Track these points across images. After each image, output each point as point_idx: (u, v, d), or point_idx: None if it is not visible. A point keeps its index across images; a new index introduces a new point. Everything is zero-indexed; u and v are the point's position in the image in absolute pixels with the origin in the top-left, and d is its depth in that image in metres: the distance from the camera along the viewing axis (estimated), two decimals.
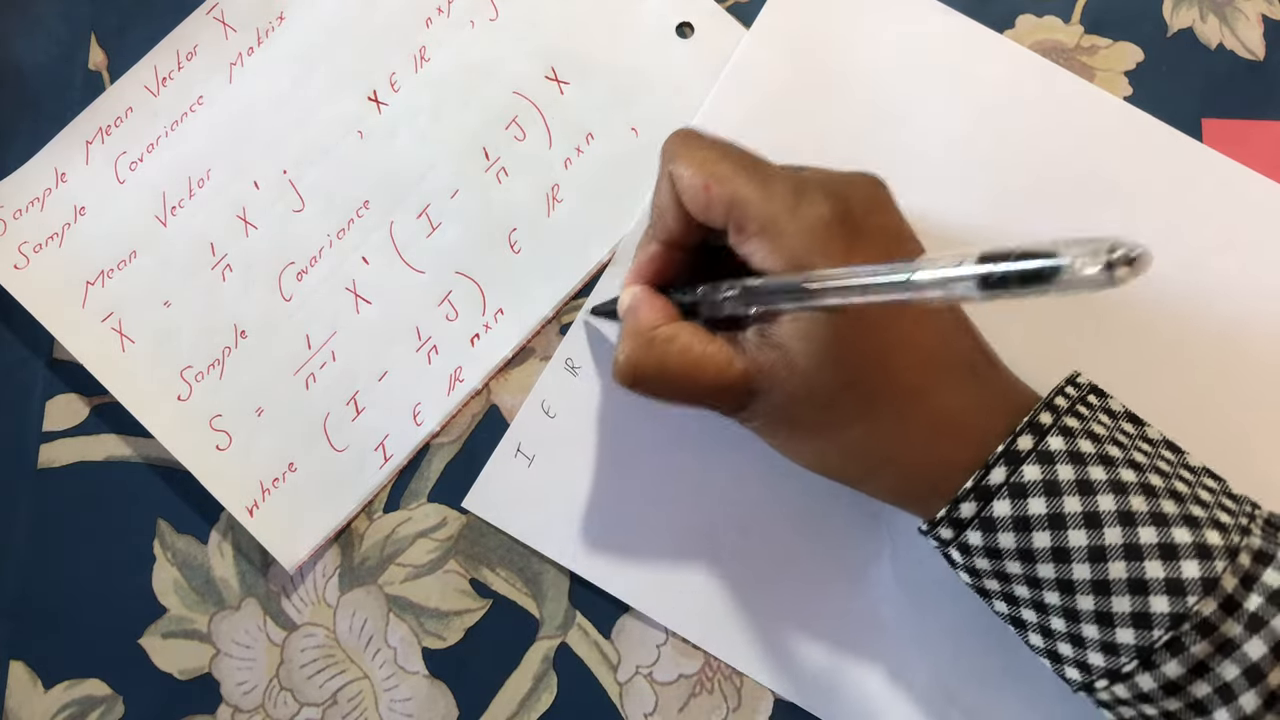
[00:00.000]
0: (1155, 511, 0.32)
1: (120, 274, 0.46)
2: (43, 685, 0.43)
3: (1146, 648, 0.31)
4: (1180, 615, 0.31)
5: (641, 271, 0.39)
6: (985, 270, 0.24)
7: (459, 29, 0.48)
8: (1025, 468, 0.33)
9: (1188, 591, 0.31)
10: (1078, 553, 0.32)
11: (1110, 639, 0.32)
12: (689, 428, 0.43)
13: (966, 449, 0.34)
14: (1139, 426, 0.35)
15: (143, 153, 0.47)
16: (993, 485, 0.33)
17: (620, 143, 0.46)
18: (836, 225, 0.33)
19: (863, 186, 0.36)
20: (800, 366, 0.34)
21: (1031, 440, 0.33)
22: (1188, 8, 0.48)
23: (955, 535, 0.35)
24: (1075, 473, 0.33)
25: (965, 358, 0.36)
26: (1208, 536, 0.32)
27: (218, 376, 0.45)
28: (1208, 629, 0.31)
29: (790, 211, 0.34)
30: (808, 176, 0.35)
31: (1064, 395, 0.35)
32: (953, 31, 0.47)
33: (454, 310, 0.45)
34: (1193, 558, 0.31)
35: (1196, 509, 0.32)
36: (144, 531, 0.44)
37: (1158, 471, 0.33)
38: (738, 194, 0.35)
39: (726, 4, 0.48)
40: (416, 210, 0.46)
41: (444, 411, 0.44)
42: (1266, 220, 0.44)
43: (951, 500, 0.34)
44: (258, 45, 0.48)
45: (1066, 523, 0.32)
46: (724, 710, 0.42)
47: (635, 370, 0.36)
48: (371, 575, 0.43)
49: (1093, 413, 0.34)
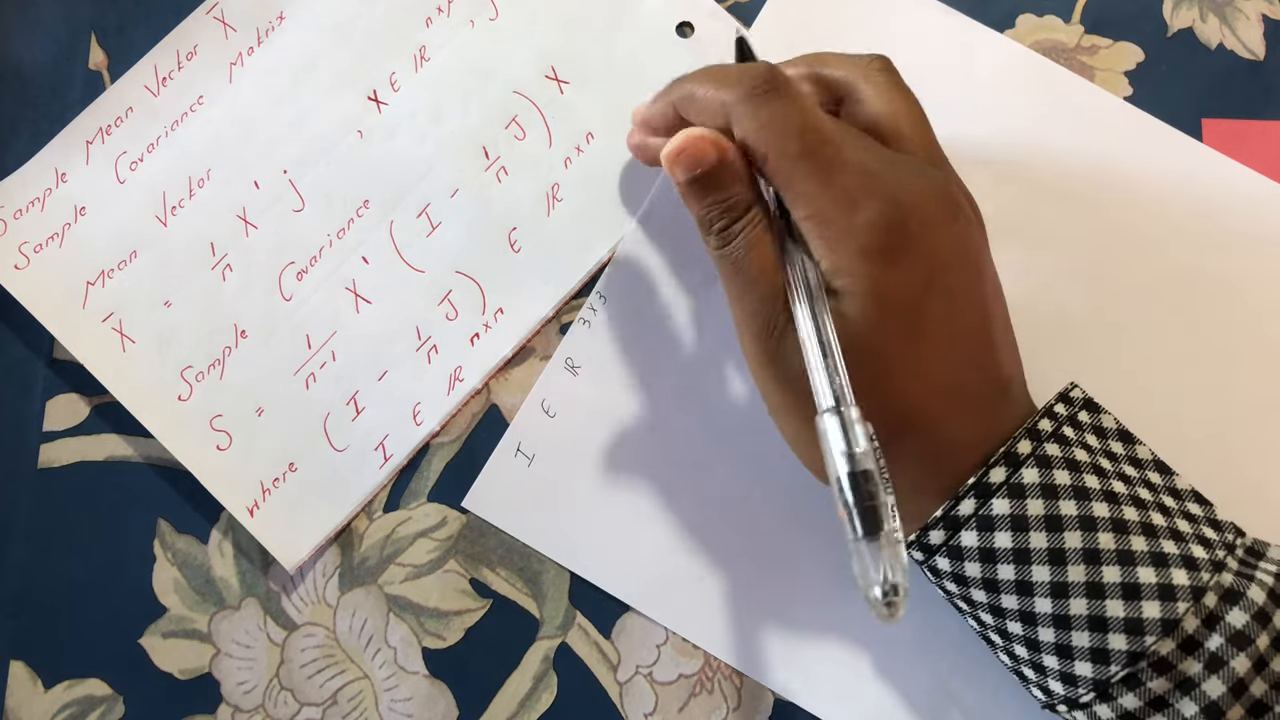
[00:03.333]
0: (1123, 550, 0.32)
1: (120, 274, 0.46)
2: (43, 685, 0.43)
3: (1103, 681, 0.32)
4: (1137, 654, 0.31)
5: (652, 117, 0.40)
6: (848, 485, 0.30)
7: (459, 29, 0.48)
8: (994, 501, 0.33)
9: (1146, 631, 0.31)
10: (1040, 587, 0.33)
11: (1069, 670, 0.33)
12: (689, 428, 0.43)
13: (950, 477, 0.34)
14: (1129, 445, 0.35)
15: (143, 153, 0.47)
16: (961, 516, 0.34)
17: (620, 142, 0.46)
18: (883, 236, 0.33)
19: (933, 199, 0.35)
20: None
21: (1005, 472, 0.33)
22: (1188, 8, 0.48)
23: (925, 558, 0.35)
24: (1045, 508, 0.33)
25: (973, 390, 0.35)
26: (1174, 576, 0.32)
27: (218, 376, 0.44)
28: (1164, 667, 0.31)
29: (845, 216, 0.33)
30: (875, 171, 0.34)
31: (1050, 417, 0.34)
32: (953, 31, 0.47)
33: (454, 310, 0.45)
34: (1154, 598, 0.32)
35: (1169, 544, 0.33)
36: (144, 531, 0.44)
37: (1135, 502, 0.33)
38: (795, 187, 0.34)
39: (727, 4, 0.48)
40: (416, 210, 0.46)
41: (444, 411, 0.44)
42: (1266, 220, 0.44)
43: (921, 527, 0.35)
44: (258, 45, 0.48)
45: (1031, 558, 0.33)
46: (724, 710, 0.42)
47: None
48: (371, 575, 0.43)
49: (1080, 433, 0.34)
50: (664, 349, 0.44)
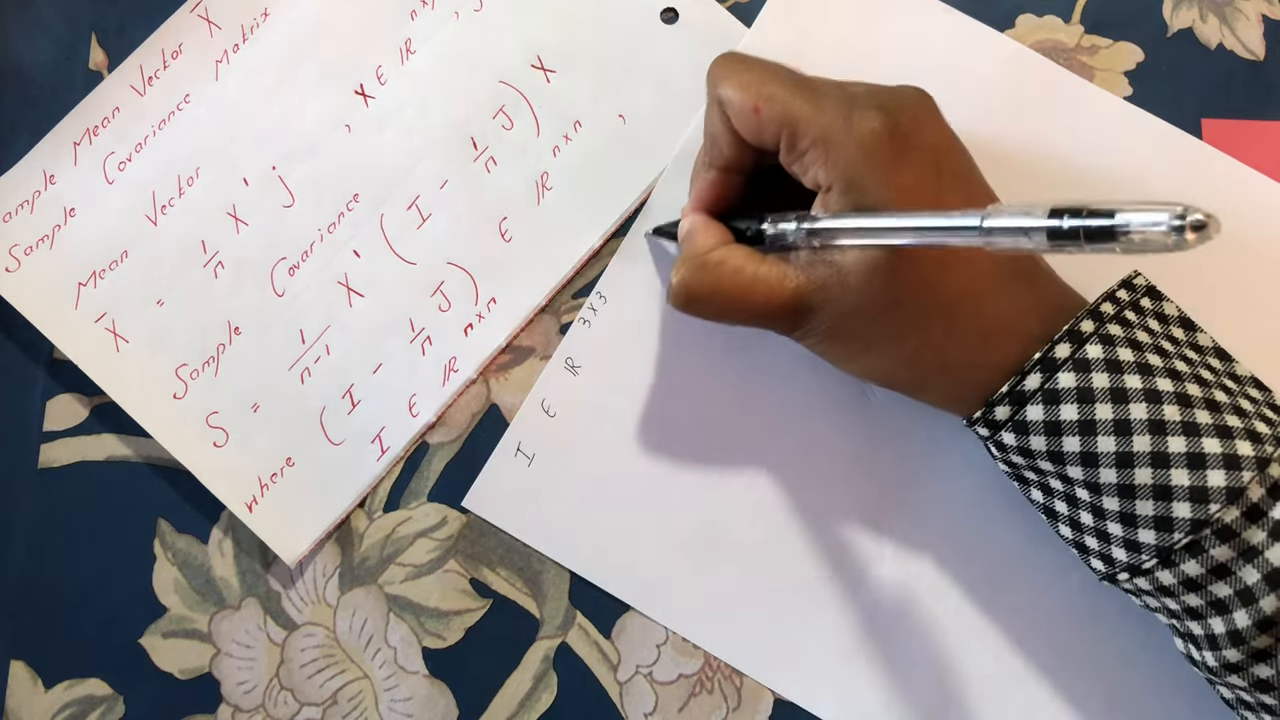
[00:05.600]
0: (1188, 421, 0.33)
1: (112, 274, 0.46)
2: (43, 685, 0.43)
3: (1166, 548, 0.32)
4: (1201, 521, 0.32)
5: (701, 198, 0.40)
6: (1054, 224, 0.25)
7: (444, 21, 0.47)
8: (1060, 375, 0.34)
9: (1211, 499, 0.32)
10: (1105, 458, 0.33)
11: (1133, 537, 0.33)
12: (689, 428, 0.43)
13: (1012, 353, 0.35)
14: (1190, 332, 0.36)
15: (131, 152, 0.47)
16: (1027, 391, 0.34)
17: (608, 129, 0.45)
18: (887, 138, 0.34)
19: (911, 100, 0.36)
20: (854, 283, 0.35)
21: (1069, 348, 0.34)
22: (1188, 8, 0.47)
23: (990, 434, 0.36)
24: (1110, 380, 0.33)
25: (1019, 265, 0.36)
26: (1239, 447, 0.32)
27: (213, 374, 0.45)
28: (1228, 535, 0.32)
29: (842, 125, 0.35)
30: (856, 91, 0.36)
31: (1113, 300, 0.35)
32: (953, 31, 0.46)
33: (446, 301, 0.45)
34: (1219, 467, 0.32)
35: (1233, 419, 0.33)
36: (144, 531, 0.44)
37: (1198, 380, 0.34)
38: (789, 112, 0.36)
39: (727, 4, 0.47)
40: (406, 202, 0.46)
41: (439, 402, 0.44)
42: (1266, 220, 0.44)
43: (986, 403, 0.35)
44: (243, 42, 0.48)
45: (1096, 429, 0.33)
46: (724, 710, 0.41)
47: (689, 293, 0.37)
48: (371, 575, 0.43)
49: (1142, 318, 0.35)
50: (664, 349, 0.44)
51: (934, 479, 0.42)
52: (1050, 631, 0.40)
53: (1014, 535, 0.41)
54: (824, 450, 0.42)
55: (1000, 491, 0.41)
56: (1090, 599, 0.40)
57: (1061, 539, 0.37)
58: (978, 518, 0.41)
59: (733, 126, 0.38)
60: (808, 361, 0.43)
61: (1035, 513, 0.38)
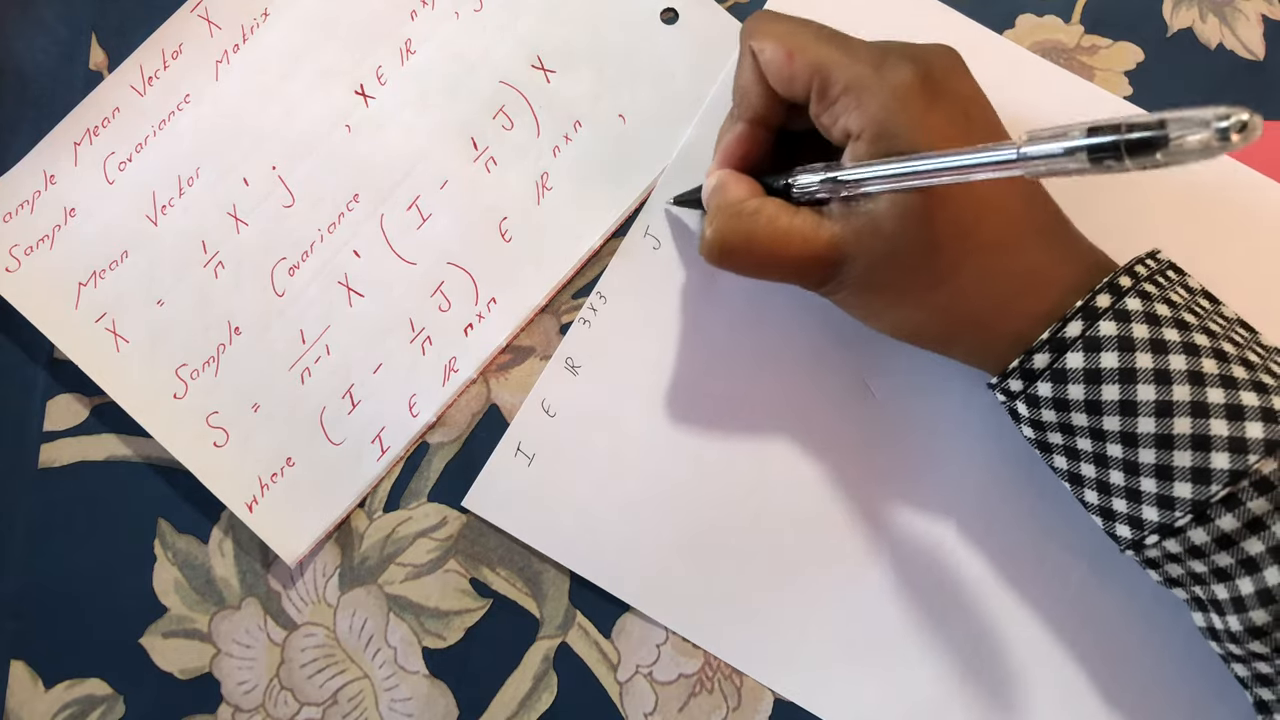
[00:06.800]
0: (1225, 375, 0.33)
1: (112, 274, 0.46)
2: (43, 685, 0.43)
3: (1203, 502, 0.32)
4: (1240, 472, 0.32)
5: (728, 153, 0.40)
6: (1096, 141, 0.24)
7: (444, 20, 0.47)
8: (1101, 323, 0.34)
9: (1249, 450, 0.32)
10: (1145, 406, 0.33)
11: (1167, 492, 0.33)
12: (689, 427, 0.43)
13: (1046, 303, 0.35)
14: (1215, 304, 0.36)
15: (131, 152, 0.47)
16: (1068, 338, 0.34)
17: (608, 129, 0.45)
18: (918, 86, 0.35)
19: (941, 54, 0.37)
20: (887, 231, 0.35)
21: (1109, 298, 0.34)
22: (1188, 8, 0.47)
23: (1025, 387, 0.36)
24: (1150, 332, 0.34)
25: (1049, 219, 0.37)
26: (1275, 402, 0.32)
27: (213, 374, 0.45)
28: (1266, 487, 0.32)
29: (874, 73, 0.35)
30: (887, 44, 0.37)
31: (1144, 265, 0.35)
32: (952, 31, 0.46)
33: (447, 301, 0.45)
34: (1258, 419, 0.32)
35: (1267, 377, 0.33)
36: (144, 531, 0.44)
37: (1231, 341, 0.34)
38: (821, 59, 0.36)
39: (727, 4, 0.47)
40: (406, 202, 0.46)
41: (440, 402, 0.44)
42: (1267, 220, 0.44)
43: (1026, 351, 0.35)
44: (243, 42, 0.48)
45: (1137, 377, 0.33)
46: (724, 710, 0.41)
47: (724, 244, 0.37)
48: (371, 575, 0.43)
49: (1170, 285, 0.35)
50: (664, 349, 0.44)
51: (934, 479, 0.42)
52: (1051, 630, 0.40)
53: (1014, 534, 0.41)
54: (824, 448, 0.42)
55: (1001, 490, 0.41)
56: (1091, 597, 0.40)
57: (1085, 507, 0.37)
58: (978, 517, 0.41)
59: (764, 77, 0.38)
60: (809, 359, 0.43)
61: (1036, 511, 0.38)
